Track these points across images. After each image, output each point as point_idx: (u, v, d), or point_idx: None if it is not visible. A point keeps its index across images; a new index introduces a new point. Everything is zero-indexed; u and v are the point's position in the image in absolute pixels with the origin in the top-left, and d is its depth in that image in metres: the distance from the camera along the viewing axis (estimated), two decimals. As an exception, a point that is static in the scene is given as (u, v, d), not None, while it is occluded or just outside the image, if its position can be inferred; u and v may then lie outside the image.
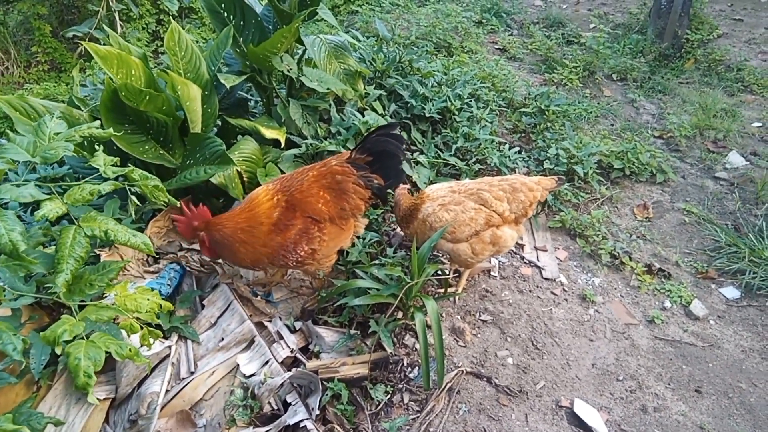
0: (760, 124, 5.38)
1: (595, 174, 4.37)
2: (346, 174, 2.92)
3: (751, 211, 4.24)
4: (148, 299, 2.14)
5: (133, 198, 2.17)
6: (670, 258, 3.86)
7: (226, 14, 3.73)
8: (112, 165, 2.17)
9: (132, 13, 6.59)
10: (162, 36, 8.18)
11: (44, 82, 7.78)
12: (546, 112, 4.94)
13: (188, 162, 3.20)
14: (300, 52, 4.03)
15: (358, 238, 3.28)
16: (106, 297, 2.67)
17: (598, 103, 5.72)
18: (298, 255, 2.90)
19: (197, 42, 6.91)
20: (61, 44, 8.00)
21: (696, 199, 4.43)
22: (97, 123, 2.28)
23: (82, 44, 3.14)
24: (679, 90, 6.04)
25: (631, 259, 3.78)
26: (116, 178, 2.08)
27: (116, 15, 5.53)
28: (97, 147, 2.46)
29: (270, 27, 3.90)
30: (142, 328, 2.12)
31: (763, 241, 3.81)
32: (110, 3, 5.43)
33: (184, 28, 7.59)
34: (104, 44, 3.38)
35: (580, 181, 4.34)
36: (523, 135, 4.95)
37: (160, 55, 7.94)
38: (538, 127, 4.88)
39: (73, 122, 3.12)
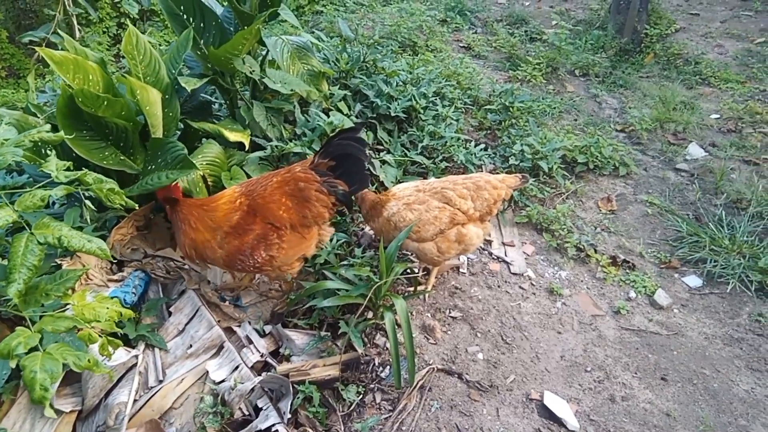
0: (718, 116, 5.53)
1: (560, 169, 4.43)
2: (308, 181, 2.87)
3: (711, 201, 4.36)
4: (107, 308, 2.09)
5: (88, 203, 2.12)
6: (635, 249, 3.94)
7: (185, 16, 3.67)
8: (66, 169, 2.12)
9: (91, 17, 6.44)
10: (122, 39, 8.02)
11: (2, 89, 7.56)
12: (510, 109, 5.00)
13: (150, 167, 3.14)
14: (263, 53, 3.99)
15: (323, 245, 3.22)
16: (68, 307, 2.61)
17: (562, 99, 5.81)
18: (255, 260, 2.88)
19: (160, 45, 6.80)
20: (19, 50, 7.80)
21: (658, 191, 4.53)
22: (48, 127, 2.22)
23: (37, 50, 3.05)
24: (640, 84, 6.16)
25: (596, 251, 3.84)
26: (70, 183, 2.03)
27: (74, 19, 5.37)
28: (49, 152, 2.40)
29: (231, 29, 3.85)
30: (101, 337, 2.07)
31: (722, 230, 3.92)
32: (67, 7, 5.27)
33: (145, 32, 7.45)
34: (61, 49, 3.30)
35: (545, 176, 4.40)
36: (488, 132, 4.99)
37: (121, 59, 7.77)
38: (503, 123, 4.93)
39: (28, 129, 3.04)
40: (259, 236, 2.85)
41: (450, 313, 3.31)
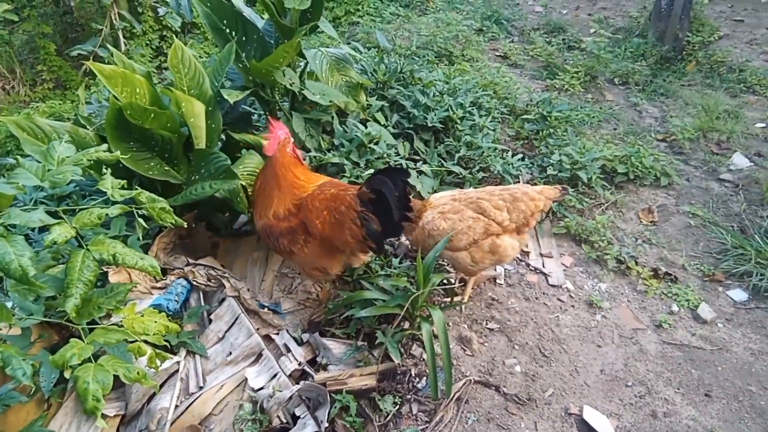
0: (764, 125, 5.37)
1: (599, 179, 4.37)
2: (350, 207, 2.81)
3: (757, 213, 4.23)
4: (156, 321, 2.16)
5: (141, 221, 2.19)
6: (677, 262, 3.85)
7: (228, 30, 3.76)
8: (120, 188, 2.21)
9: (135, 30, 6.65)
10: (165, 51, 8.25)
11: (50, 100, 7.85)
12: (548, 118, 4.96)
13: (193, 177, 3.23)
14: (302, 65, 4.06)
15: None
16: (113, 316, 2.69)
17: (601, 108, 5.73)
18: (278, 243, 2.98)
19: (200, 57, 6.97)
20: (66, 62, 8.09)
21: (701, 202, 4.42)
22: (105, 147, 2.31)
23: (86, 64, 3.17)
24: (682, 92, 6.04)
25: (637, 263, 3.77)
26: (124, 201, 2.10)
27: (120, 33, 5.59)
28: (105, 170, 2.50)
29: (272, 41, 3.94)
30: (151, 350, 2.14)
31: (769, 243, 3.80)
32: (114, 21, 5.49)
33: (186, 44, 7.64)
34: (108, 63, 3.42)
35: (584, 187, 4.34)
36: (526, 142, 4.96)
37: (163, 71, 8.01)
38: (540, 133, 4.90)
39: (79, 141, 3.16)
40: (290, 229, 2.93)
41: (487, 324, 3.29)
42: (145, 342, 2.17)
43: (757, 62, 6.55)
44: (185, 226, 2.43)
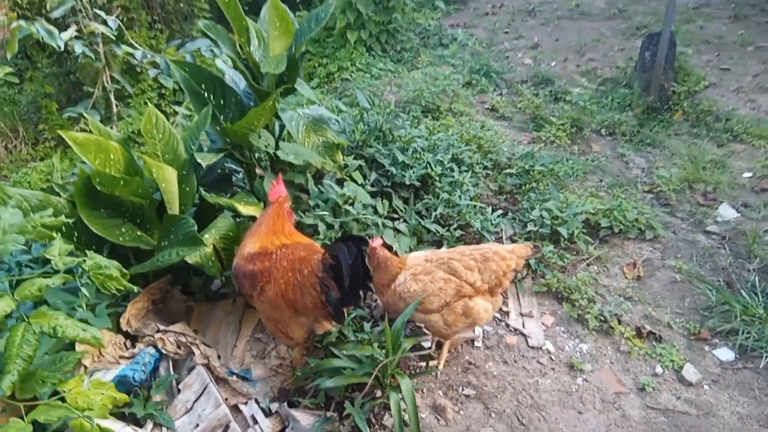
0: (751, 174, 5.35)
1: (582, 234, 4.31)
2: (311, 272, 2.81)
3: (744, 266, 4.15)
4: (102, 394, 2.10)
5: (84, 290, 2.17)
6: (662, 319, 3.76)
7: (206, 94, 3.82)
8: (69, 254, 2.19)
9: (127, 92, 6.79)
10: (163, 109, 8.45)
11: (48, 159, 7.99)
12: (531, 172, 4.95)
13: (163, 244, 3.22)
14: (278, 127, 4.10)
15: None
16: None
17: (587, 159, 5.73)
18: (242, 285, 3.00)
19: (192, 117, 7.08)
20: (67, 121, 8.25)
21: (687, 256, 4.35)
22: (49, 211, 2.31)
23: (60, 132, 3.22)
24: (668, 142, 6.04)
25: (620, 322, 3.68)
26: (68, 271, 2.08)
27: (111, 95, 5.71)
28: (54, 235, 2.49)
29: (251, 104, 3.99)
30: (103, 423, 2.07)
31: (756, 298, 3.71)
32: (105, 84, 5.61)
33: (182, 102, 7.77)
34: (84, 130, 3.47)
35: (566, 242, 4.28)
36: (509, 196, 4.94)
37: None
38: (523, 187, 4.88)
39: (51, 209, 3.17)
40: (252, 273, 2.91)
41: (463, 390, 3.19)
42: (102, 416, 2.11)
43: (743, 110, 6.56)
44: (135, 290, 2.39)
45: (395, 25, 8.95)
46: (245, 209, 3.54)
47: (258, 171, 3.99)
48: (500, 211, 4.42)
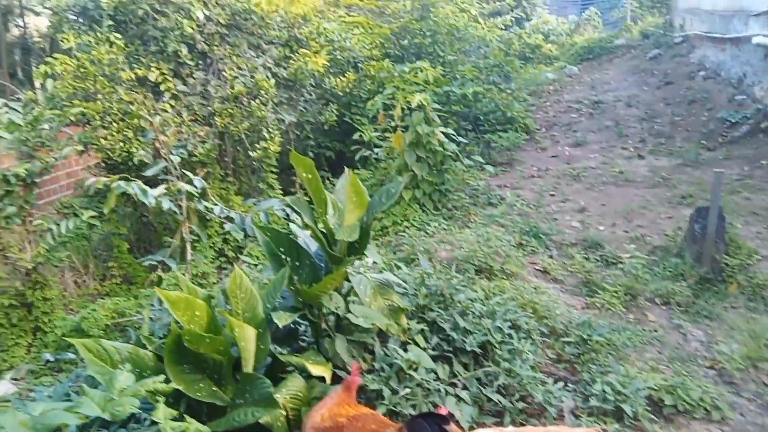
0: (818, 356, 5.22)
1: (646, 411, 4.23)
2: None
3: (823, 458, 3.95)
4: None
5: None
6: None
7: (284, 256, 4.15)
8: (172, 419, 2.35)
9: (202, 242, 7.31)
10: (226, 252, 8.99)
11: (115, 296, 8.43)
12: (589, 342, 4.98)
13: (238, 401, 3.35)
14: (346, 289, 4.36)
15: None
16: None
17: (643, 329, 5.72)
18: None
19: (255, 265, 7.49)
20: (136, 260, 8.80)
21: (758, 442, 4.17)
22: (161, 377, 2.52)
23: (156, 290, 3.54)
24: (725, 315, 6.01)
25: None
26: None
27: (188, 245, 6.20)
28: (158, 399, 2.67)
29: (322, 265, 4.30)
30: None
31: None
32: (183, 235, 6.12)
33: (243, 251, 8.24)
34: (175, 284, 3.78)
35: (630, 420, 4.19)
36: (568, 365, 4.94)
37: (222, 270, 8.63)
38: (582, 357, 4.89)
39: (139, 361, 3.39)
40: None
41: None
42: None
43: (800, 285, 6.54)
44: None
45: (447, 186, 9.54)
46: (314, 369, 3.69)
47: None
48: (561, 383, 4.41)
